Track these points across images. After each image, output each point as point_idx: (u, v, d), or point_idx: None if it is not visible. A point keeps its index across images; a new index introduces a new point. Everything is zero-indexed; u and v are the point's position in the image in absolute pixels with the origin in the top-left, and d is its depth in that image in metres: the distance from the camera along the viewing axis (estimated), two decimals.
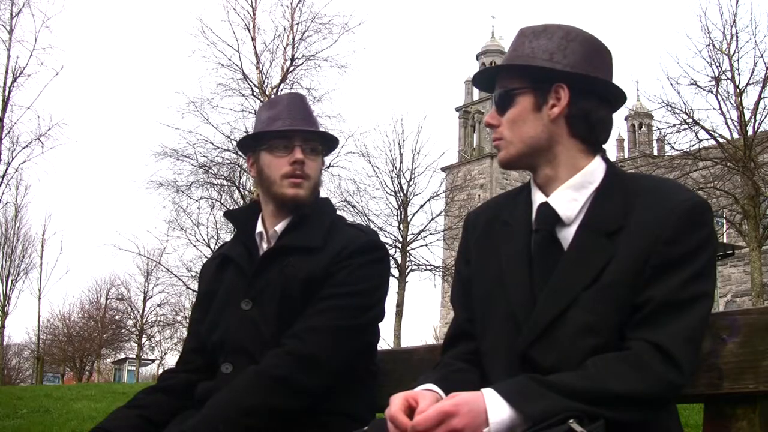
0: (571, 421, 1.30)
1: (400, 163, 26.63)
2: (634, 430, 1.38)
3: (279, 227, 2.11)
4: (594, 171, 1.58)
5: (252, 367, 1.92)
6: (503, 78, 1.65)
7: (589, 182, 1.57)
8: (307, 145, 2.11)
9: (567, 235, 1.54)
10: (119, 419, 2.04)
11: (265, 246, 2.13)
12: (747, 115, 18.58)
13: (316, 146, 2.14)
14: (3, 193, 24.84)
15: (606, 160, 1.63)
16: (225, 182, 24.15)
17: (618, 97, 1.63)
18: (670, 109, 18.66)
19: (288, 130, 2.09)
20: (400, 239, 25.67)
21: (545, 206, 1.58)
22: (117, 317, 43.38)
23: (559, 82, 1.57)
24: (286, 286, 2.00)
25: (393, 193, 26.30)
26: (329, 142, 2.23)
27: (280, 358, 1.90)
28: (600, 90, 1.60)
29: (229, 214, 2.30)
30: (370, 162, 26.48)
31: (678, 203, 1.47)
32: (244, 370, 1.92)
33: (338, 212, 2.26)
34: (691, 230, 1.45)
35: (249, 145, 2.19)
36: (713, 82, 18.60)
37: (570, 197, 1.56)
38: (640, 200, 1.51)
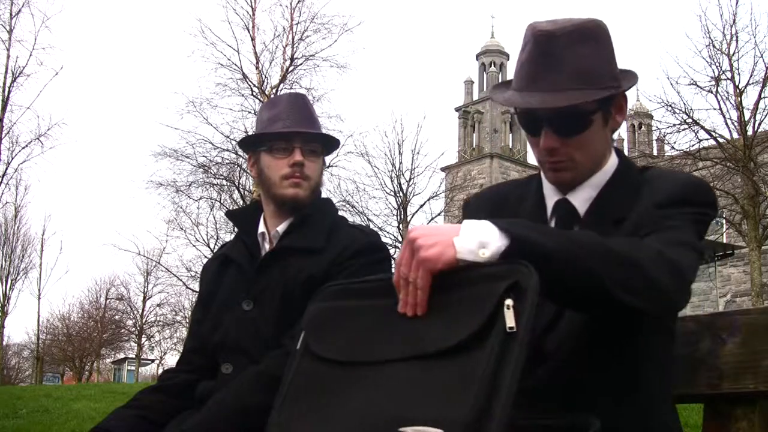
0: (507, 302, 1.10)
1: (400, 163, 26.64)
2: (633, 430, 1.38)
3: (281, 228, 2.11)
4: (612, 165, 1.59)
5: (252, 367, 1.92)
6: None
7: (606, 176, 1.57)
8: (307, 146, 2.10)
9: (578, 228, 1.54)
10: (119, 419, 2.04)
11: (267, 246, 2.13)
12: (747, 115, 18.58)
13: (316, 147, 2.13)
14: (3, 193, 24.91)
15: (617, 151, 1.62)
16: (225, 182, 24.13)
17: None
18: (669, 109, 18.67)
19: (288, 132, 2.08)
20: (400, 239, 25.65)
21: (565, 203, 1.57)
22: (117, 317, 43.37)
23: (620, 89, 1.53)
24: (287, 287, 2.00)
25: (393, 193, 26.30)
26: (330, 143, 2.22)
27: (281, 358, 1.89)
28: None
29: (230, 214, 2.30)
30: (369, 162, 26.47)
31: (679, 179, 1.49)
32: (245, 371, 1.92)
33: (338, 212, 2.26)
34: (687, 203, 1.44)
35: (250, 144, 2.19)
36: (713, 82, 18.60)
37: (589, 195, 1.56)
38: (647, 187, 1.51)
